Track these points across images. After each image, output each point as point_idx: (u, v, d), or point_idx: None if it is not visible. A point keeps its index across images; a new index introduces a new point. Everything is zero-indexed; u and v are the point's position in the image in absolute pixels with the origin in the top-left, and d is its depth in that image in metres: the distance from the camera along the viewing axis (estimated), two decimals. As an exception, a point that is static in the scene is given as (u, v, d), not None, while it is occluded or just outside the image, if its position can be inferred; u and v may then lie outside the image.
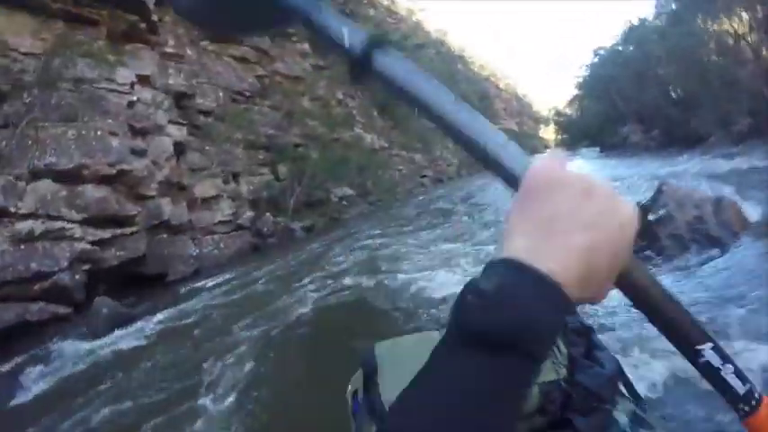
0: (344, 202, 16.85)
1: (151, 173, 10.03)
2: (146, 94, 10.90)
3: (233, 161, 13.88)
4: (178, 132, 11.80)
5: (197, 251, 11.14)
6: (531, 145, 56.56)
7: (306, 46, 23.64)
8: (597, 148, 31.30)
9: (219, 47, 17.24)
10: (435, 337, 0.97)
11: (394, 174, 23.50)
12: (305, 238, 13.09)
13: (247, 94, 16.99)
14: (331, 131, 19.97)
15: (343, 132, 21.22)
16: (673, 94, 23.94)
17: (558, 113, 42.83)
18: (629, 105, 27.47)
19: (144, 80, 11.26)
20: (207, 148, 13.16)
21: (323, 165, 16.22)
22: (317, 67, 24.10)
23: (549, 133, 69.44)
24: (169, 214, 10.35)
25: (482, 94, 48.64)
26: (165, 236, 10.05)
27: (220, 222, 12.44)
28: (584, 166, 19.56)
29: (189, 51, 15.42)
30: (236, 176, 14.00)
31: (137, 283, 9.24)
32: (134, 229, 8.75)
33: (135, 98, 10.30)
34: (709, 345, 0.42)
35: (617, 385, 0.94)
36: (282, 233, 12.84)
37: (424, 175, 27.52)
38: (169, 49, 13.73)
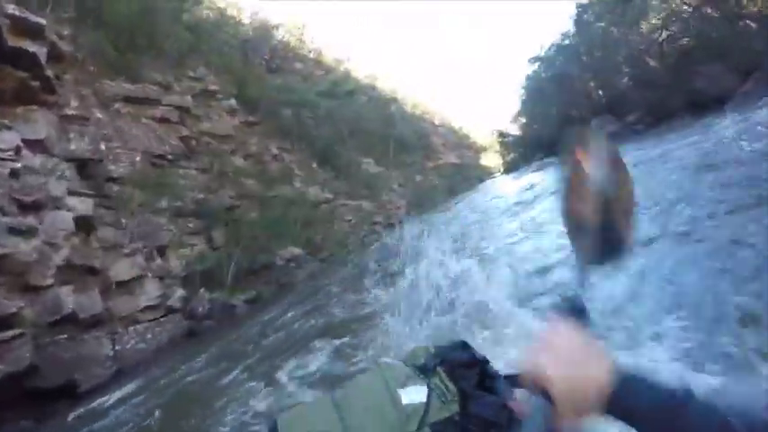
0: (292, 264, 14.98)
1: (45, 256, 8.00)
2: (35, 160, 8.96)
3: (156, 233, 11.91)
4: (82, 205, 9.80)
5: (117, 348, 9.03)
6: (476, 175, 57.00)
7: (233, 102, 22.24)
8: (556, 158, 29.25)
9: (136, 108, 15.50)
10: (329, 400, 1.13)
11: (343, 225, 21.89)
12: (248, 313, 11.14)
13: (170, 157, 15.15)
14: (268, 188, 18.32)
15: (283, 188, 19.59)
16: (651, 62, 21.23)
17: (502, 134, 42.36)
18: (590, 101, 24.79)
19: (35, 145, 9.36)
20: (123, 221, 11.18)
21: (263, 224, 14.47)
22: (246, 123, 22.65)
23: (490, 160, 70.48)
24: (74, 305, 8.29)
25: (420, 133, 48.59)
26: (65, 336, 7.90)
27: (147, 308, 10.36)
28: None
29: (98, 114, 13.58)
30: (162, 251, 12.00)
31: (42, 399, 7.11)
32: (16, 331, 6.61)
33: (19, 165, 8.33)
34: None
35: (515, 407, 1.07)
36: (221, 311, 10.81)
37: (375, 222, 26.03)
38: (71, 111, 11.83)
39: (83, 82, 13.83)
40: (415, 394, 1.13)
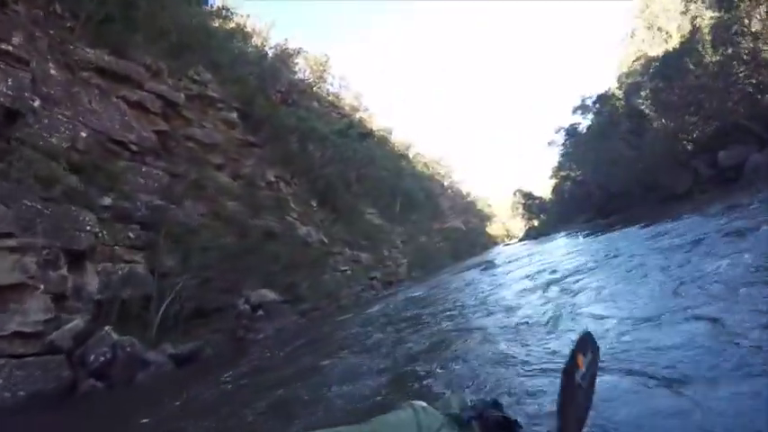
0: (260, 312, 11.19)
1: None
2: None
3: (74, 233, 8.32)
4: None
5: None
6: (481, 242, 54.85)
7: (234, 115, 19.24)
8: (597, 221, 23.20)
9: (110, 85, 12.38)
10: None
11: (336, 275, 18.14)
12: (168, 378, 7.29)
13: (133, 147, 11.84)
14: (254, 215, 14.87)
15: (271, 220, 16.13)
16: None
17: (527, 195, 40.30)
18: (694, 139, 19.94)
19: None
20: (27, 203, 7.66)
21: (229, 251, 10.85)
22: (246, 142, 19.52)
23: (495, 229, 70.69)
24: None
25: (428, 193, 46.40)
26: None
27: (17, 336, 6.65)
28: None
29: (53, 71, 10.41)
30: (78, 259, 8.36)
31: None
32: None
33: None
34: None
35: None
36: (125, 367, 6.88)
37: (373, 277, 22.40)
38: (7, 47, 8.65)
39: (41, 21, 10.73)
40: None
